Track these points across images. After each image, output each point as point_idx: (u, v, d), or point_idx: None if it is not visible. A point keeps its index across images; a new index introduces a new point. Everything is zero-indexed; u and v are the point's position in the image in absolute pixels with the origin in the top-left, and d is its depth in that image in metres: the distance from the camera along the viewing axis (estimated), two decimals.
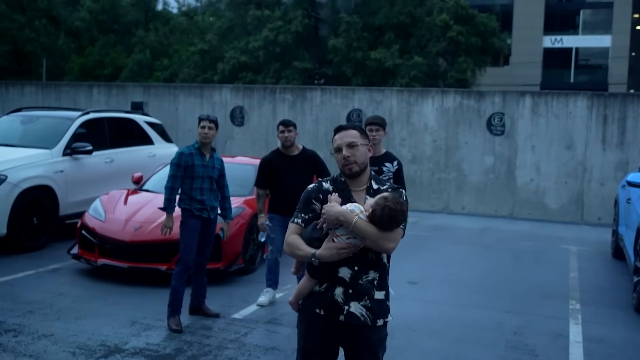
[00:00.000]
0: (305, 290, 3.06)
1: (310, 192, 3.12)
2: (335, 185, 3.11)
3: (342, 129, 3.15)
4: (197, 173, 5.89)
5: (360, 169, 3.07)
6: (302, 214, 3.09)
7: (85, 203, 8.58)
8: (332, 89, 14.75)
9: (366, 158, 3.10)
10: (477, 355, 5.31)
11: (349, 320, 2.97)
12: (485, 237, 10.86)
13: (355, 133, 3.11)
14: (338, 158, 3.09)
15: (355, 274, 2.98)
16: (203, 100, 15.28)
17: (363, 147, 3.09)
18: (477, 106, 13.31)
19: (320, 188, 3.11)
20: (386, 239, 2.94)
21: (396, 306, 6.34)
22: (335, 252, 2.93)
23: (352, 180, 3.10)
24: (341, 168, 3.09)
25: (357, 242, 2.94)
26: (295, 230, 3.08)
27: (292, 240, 3.04)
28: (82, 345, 5.18)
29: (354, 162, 3.05)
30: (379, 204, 2.91)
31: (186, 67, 31.22)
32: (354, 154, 3.05)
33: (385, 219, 2.90)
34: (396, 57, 27.12)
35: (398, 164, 5.87)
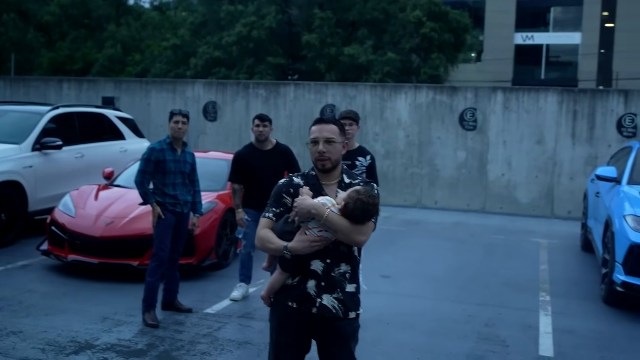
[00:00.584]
0: (278, 284, 3.06)
1: (281, 187, 3.11)
2: (306, 180, 3.11)
3: (322, 122, 3.13)
4: (168, 168, 5.84)
5: (332, 166, 3.08)
6: (274, 208, 3.09)
7: (55, 199, 8.46)
8: (305, 84, 14.74)
9: (340, 155, 3.11)
10: (449, 348, 5.36)
11: (321, 312, 2.98)
12: (457, 232, 10.95)
13: (335, 129, 3.10)
14: (313, 150, 3.08)
15: (327, 266, 2.99)
16: (175, 96, 15.15)
17: (339, 145, 3.10)
18: (450, 101, 13.41)
19: (291, 182, 3.11)
20: (358, 232, 2.95)
21: (369, 299, 6.37)
22: (307, 244, 2.93)
23: (323, 174, 3.11)
24: (314, 161, 3.09)
25: (328, 235, 2.95)
26: (266, 224, 3.07)
27: (264, 234, 3.03)
28: (51, 341, 5.11)
29: (328, 158, 3.05)
30: (352, 197, 2.92)
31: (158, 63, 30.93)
32: (329, 150, 3.05)
33: (358, 212, 2.91)
34: (369, 53, 27.19)
35: (371, 159, 5.88)
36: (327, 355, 3.08)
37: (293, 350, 3.08)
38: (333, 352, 3.06)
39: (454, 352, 5.25)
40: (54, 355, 4.83)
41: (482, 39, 38.67)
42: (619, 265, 6.48)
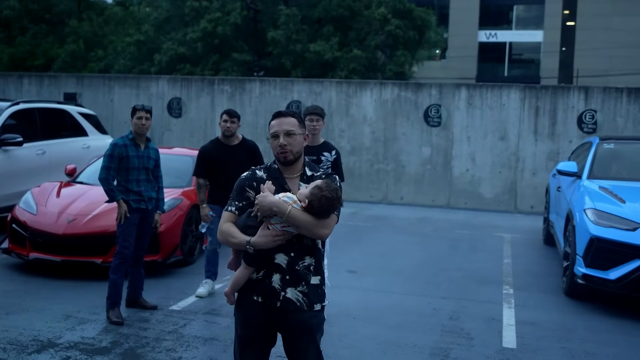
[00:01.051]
0: (242, 279, 3.05)
1: (244, 180, 3.10)
2: (269, 174, 3.10)
3: (280, 115, 3.13)
4: (132, 164, 5.77)
5: (294, 158, 3.09)
6: (236, 202, 3.07)
7: (16, 196, 8.30)
8: (271, 80, 14.70)
9: (301, 147, 3.12)
10: (415, 340, 5.41)
11: (285, 305, 2.99)
12: (422, 227, 11.05)
13: (294, 121, 3.11)
14: (274, 145, 3.08)
15: (291, 260, 3.00)
16: (139, 92, 14.97)
17: (300, 137, 3.10)
18: (415, 98, 13.51)
19: (254, 176, 3.10)
20: (321, 226, 2.96)
21: (335, 294, 6.42)
22: (270, 239, 2.94)
23: (286, 167, 3.11)
24: (276, 155, 3.10)
25: (291, 230, 2.96)
26: (229, 218, 3.06)
27: (227, 229, 3.03)
28: (13, 340, 5.02)
29: (289, 150, 3.06)
30: (315, 194, 2.93)
31: (122, 59, 30.48)
32: (290, 143, 3.05)
33: (323, 208, 2.94)
34: (335, 50, 27.22)
35: (336, 154, 5.91)
36: (292, 348, 3.09)
37: (258, 344, 3.08)
38: (298, 345, 3.07)
39: (419, 345, 5.31)
40: (16, 355, 4.74)
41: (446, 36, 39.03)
42: (579, 258, 6.61)
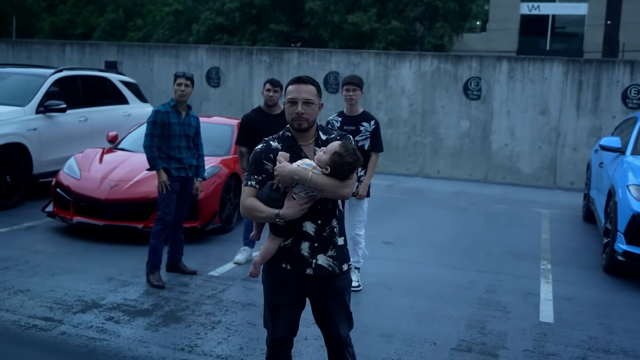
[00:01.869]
0: (273, 250, 3.06)
1: (259, 153, 3.06)
2: (283, 143, 3.09)
3: (300, 81, 3.09)
4: (173, 131, 5.85)
5: (309, 126, 3.07)
6: (255, 176, 3.04)
7: (59, 162, 8.49)
8: (309, 51, 14.64)
9: (316, 116, 3.11)
10: (450, 312, 5.43)
11: (318, 273, 3.04)
12: (459, 200, 10.99)
13: (313, 90, 3.08)
14: (290, 110, 3.05)
15: (319, 227, 3.04)
16: (178, 61, 15.07)
17: (316, 106, 3.08)
18: (454, 70, 13.34)
19: (269, 147, 3.07)
20: (343, 186, 2.98)
21: (371, 265, 6.46)
22: (298, 208, 2.95)
23: (300, 134, 3.10)
24: (289, 121, 3.08)
25: (316, 194, 3.00)
26: (250, 193, 3.03)
27: (251, 203, 3.01)
28: (59, 300, 5.18)
29: (305, 119, 3.04)
30: (336, 161, 2.94)
31: (160, 28, 30.66)
32: (307, 112, 3.03)
33: (345, 172, 2.96)
34: (373, 21, 26.92)
35: (375, 124, 5.90)
36: (324, 311, 3.15)
37: (289, 309, 3.13)
38: (330, 308, 3.13)
39: (455, 317, 5.32)
40: (62, 314, 4.90)
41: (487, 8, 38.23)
42: (620, 234, 6.52)
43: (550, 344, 4.84)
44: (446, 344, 4.74)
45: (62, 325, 4.69)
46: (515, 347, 4.74)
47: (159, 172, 5.77)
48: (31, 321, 4.72)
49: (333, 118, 5.99)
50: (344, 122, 5.91)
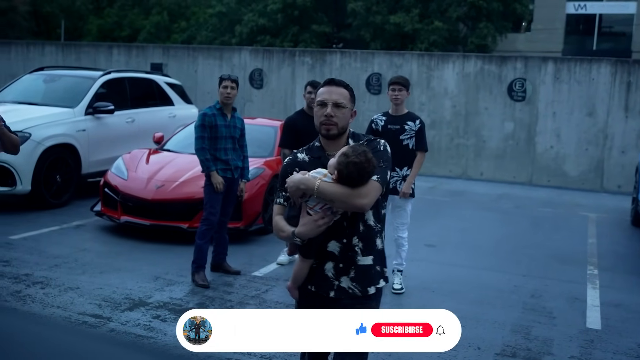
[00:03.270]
0: (301, 272, 2.86)
1: (286, 167, 2.86)
2: (311, 154, 2.86)
3: (332, 83, 2.86)
4: (220, 133, 5.93)
5: (338, 132, 2.81)
6: (283, 192, 2.83)
7: (107, 162, 8.68)
8: (351, 52, 14.66)
9: (347, 123, 2.83)
10: (495, 316, 5.38)
11: (339, 295, 2.80)
12: (503, 203, 10.86)
13: (346, 93, 2.84)
14: (319, 113, 2.81)
15: (344, 247, 2.78)
16: (222, 63, 15.25)
17: (348, 111, 2.83)
18: (499, 71, 13.18)
19: (296, 160, 2.85)
20: (356, 196, 2.63)
21: (414, 267, 6.44)
22: (314, 225, 2.67)
23: (329, 142, 2.84)
24: (318, 125, 2.82)
25: (336, 208, 2.69)
26: (278, 210, 2.84)
27: (276, 222, 2.81)
28: (107, 298, 5.31)
29: (335, 123, 2.78)
30: (342, 162, 2.66)
31: (204, 30, 31.06)
32: (337, 115, 2.78)
33: (353, 175, 2.64)
34: (416, 21, 26.78)
35: (420, 123, 5.91)
36: None
37: None
38: None
39: (500, 321, 5.27)
40: (110, 311, 5.02)
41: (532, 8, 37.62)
42: None
43: (597, 351, 4.76)
44: (490, 348, 4.70)
45: (110, 322, 4.80)
46: (562, 354, 4.68)
47: (212, 174, 5.86)
48: (81, 318, 4.85)
49: (377, 117, 6.02)
50: (388, 121, 5.92)
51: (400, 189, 5.85)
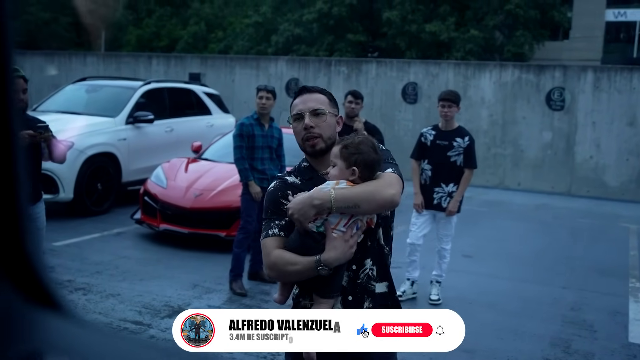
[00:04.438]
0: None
1: (275, 192, 2.35)
2: (301, 176, 2.39)
3: (305, 91, 2.41)
4: (257, 143, 6.00)
5: (326, 145, 2.33)
6: (276, 221, 2.30)
7: (147, 170, 8.83)
8: (387, 61, 14.66)
9: (334, 132, 2.38)
10: (533, 329, 5.31)
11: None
12: (541, 214, 10.72)
13: (323, 98, 2.39)
14: (297, 129, 2.35)
15: (353, 274, 2.30)
16: (259, 72, 15.40)
17: (331, 118, 2.37)
18: (537, 80, 13.04)
19: (285, 183, 2.37)
20: (382, 187, 2.19)
21: (451, 278, 6.40)
22: (345, 246, 2.17)
23: (318, 160, 2.36)
24: (301, 143, 2.35)
25: (360, 222, 2.23)
26: (274, 243, 2.26)
27: (279, 256, 2.22)
28: (147, 305, 5.40)
29: (318, 135, 2.31)
30: (349, 149, 2.23)
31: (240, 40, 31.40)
32: (318, 125, 2.32)
33: (367, 153, 2.23)
34: (452, 30, 26.65)
35: (469, 140, 5.87)
36: None
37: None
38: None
39: (539, 334, 5.21)
40: (150, 318, 5.10)
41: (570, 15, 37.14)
42: None
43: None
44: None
45: (151, 329, 4.88)
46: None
47: (250, 184, 5.93)
48: (122, 324, 4.94)
49: (427, 131, 6.00)
50: (437, 136, 5.89)
51: (445, 206, 5.82)
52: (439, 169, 5.83)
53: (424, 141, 5.94)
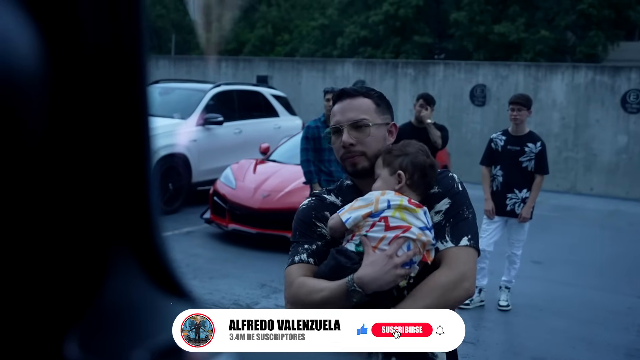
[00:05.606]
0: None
1: (307, 211, 1.92)
2: (342, 196, 1.93)
3: (345, 96, 1.91)
4: (323, 145, 6.04)
5: (370, 164, 1.86)
6: (306, 245, 1.85)
7: (216, 171, 9.01)
8: (455, 63, 14.49)
9: (383, 146, 1.89)
10: (608, 339, 5.15)
11: None
12: (615, 220, 10.37)
13: (368, 103, 1.89)
14: (336, 146, 1.89)
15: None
16: (325, 75, 15.49)
17: (379, 129, 1.88)
18: (611, 82, 12.62)
19: (323, 203, 1.93)
20: (455, 282, 1.73)
21: (521, 284, 6.28)
22: (389, 263, 1.66)
23: (364, 182, 1.90)
24: (341, 162, 1.91)
25: (412, 244, 1.71)
26: (300, 272, 1.79)
27: (301, 285, 1.75)
28: (217, 303, 5.52)
29: (361, 152, 1.85)
30: (386, 161, 1.84)
31: (306, 42, 31.66)
32: (360, 140, 1.84)
33: (407, 164, 1.82)
34: (521, 31, 26.10)
35: (541, 145, 5.76)
36: None
37: None
38: None
39: (613, 344, 5.05)
40: None
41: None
42: None
43: None
44: None
45: None
46: None
47: (314, 186, 5.99)
48: None
49: (497, 136, 5.90)
50: (507, 141, 5.79)
51: (518, 212, 5.72)
52: (511, 175, 5.73)
53: (494, 147, 5.84)
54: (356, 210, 1.75)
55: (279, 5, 36.89)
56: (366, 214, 1.73)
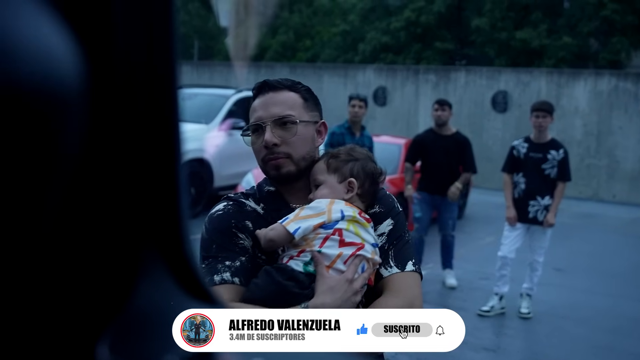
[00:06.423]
0: None
1: (226, 219, 1.61)
2: (264, 203, 1.64)
3: (267, 88, 1.64)
4: None
5: (297, 168, 1.60)
6: (228, 262, 1.54)
7: (237, 176, 9.09)
8: (476, 69, 14.46)
9: (312, 148, 1.64)
10: (632, 348, 5.12)
11: None
12: (638, 227, 10.27)
13: (294, 98, 1.64)
14: (256, 146, 1.61)
15: None
16: (347, 81, 15.53)
17: (307, 128, 1.63)
18: (635, 89, 12.52)
19: (242, 209, 1.62)
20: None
21: (542, 292, 6.26)
22: (349, 290, 1.45)
23: (288, 187, 1.65)
24: (261, 165, 1.63)
25: (365, 263, 1.51)
26: (226, 295, 1.48)
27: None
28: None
29: (286, 155, 1.58)
30: (333, 167, 1.61)
31: (328, 48, 31.76)
32: (285, 140, 1.58)
33: (359, 170, 1.62)
34: (543, 37, 25.95)
35: (564, 153, 5.74)
36: None
37: None
38: None
39: (636, 353, 5.01)
40: None
41: None
42: None
43: None
44: None
45: None
46: None
47: None
48: None
49: (519, 143, 5.87)
50: (530, 148, 5.78)
51: (540, 219, 5.70)
52: (534, 182, 5.72)
53: (516, 155, 5.83)
54: (305, 220, 1.48)
55: (301, 12, 37.07)
56: (317, 225, 1.48)
